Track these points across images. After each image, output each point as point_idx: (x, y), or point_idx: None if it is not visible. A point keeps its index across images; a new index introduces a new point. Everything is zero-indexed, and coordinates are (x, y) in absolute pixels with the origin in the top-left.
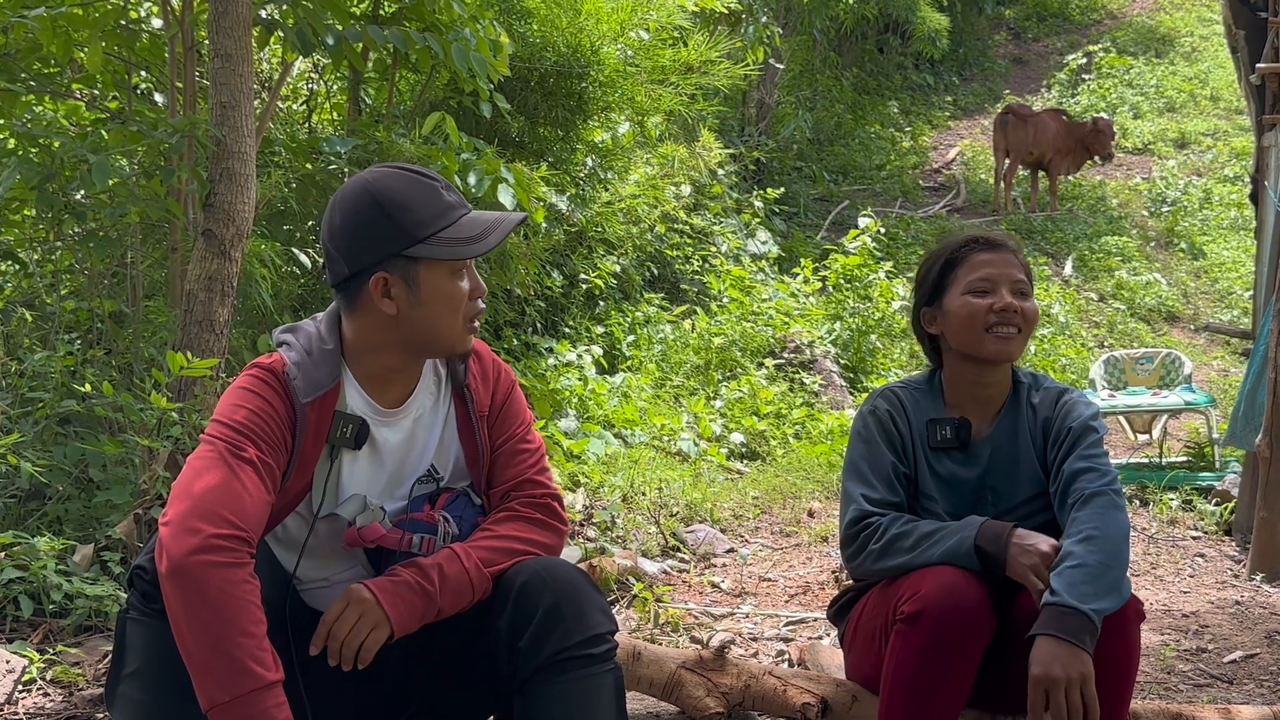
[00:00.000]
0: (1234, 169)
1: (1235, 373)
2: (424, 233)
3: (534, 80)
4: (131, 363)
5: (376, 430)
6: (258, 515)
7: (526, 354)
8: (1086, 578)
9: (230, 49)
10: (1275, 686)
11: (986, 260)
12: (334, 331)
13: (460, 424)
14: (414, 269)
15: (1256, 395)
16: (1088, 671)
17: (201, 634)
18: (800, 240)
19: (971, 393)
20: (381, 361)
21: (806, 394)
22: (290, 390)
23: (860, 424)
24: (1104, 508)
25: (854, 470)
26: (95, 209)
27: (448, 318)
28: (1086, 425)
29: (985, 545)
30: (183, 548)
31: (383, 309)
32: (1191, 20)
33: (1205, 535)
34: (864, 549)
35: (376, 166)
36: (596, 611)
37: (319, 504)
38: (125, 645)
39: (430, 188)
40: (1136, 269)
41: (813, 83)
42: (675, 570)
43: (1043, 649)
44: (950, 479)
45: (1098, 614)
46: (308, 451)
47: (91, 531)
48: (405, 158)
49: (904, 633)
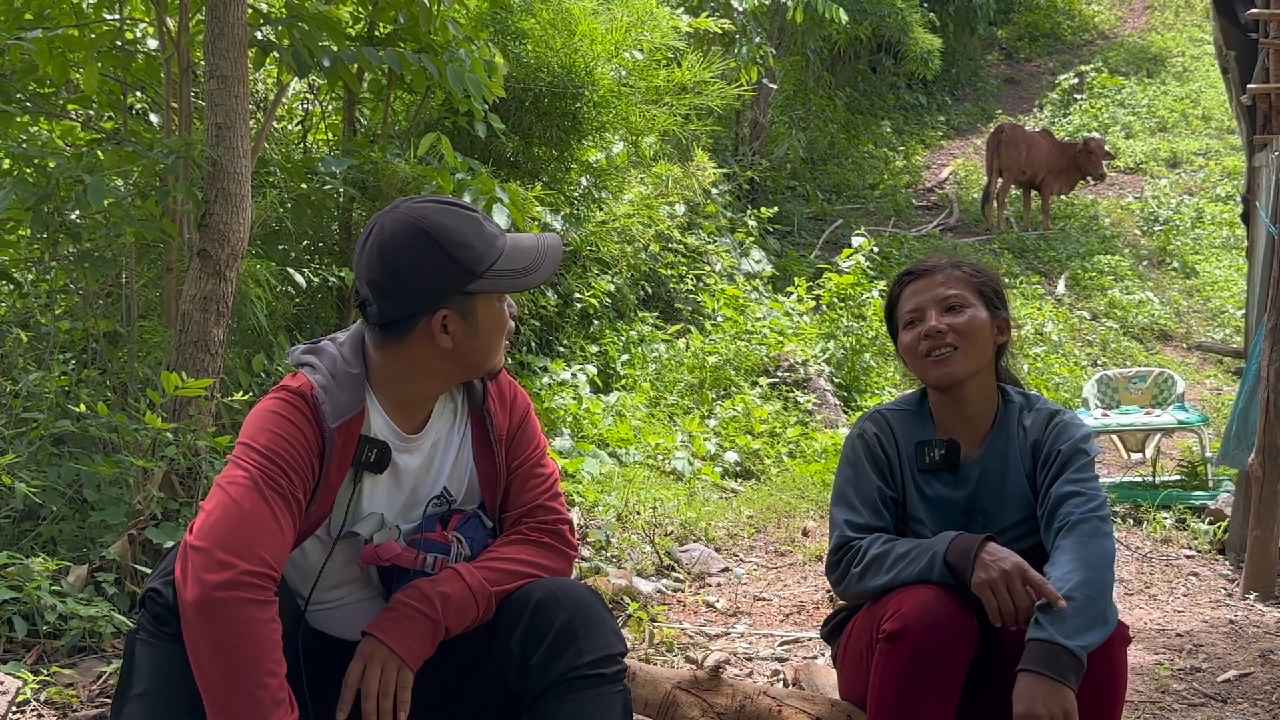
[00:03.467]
0: (1226, 188)
1: (1228, 391)
2: (481, 268)
3: (529, 100)
4: (126, 383)
5: (397, 454)
6: (285, 553)
7: (521, 373)
8: (1073, 613)
9: (226, 70)
10: (1269, 706)
11: (914, 290)
12: (358, 355)
13: (477, 446)
14: (471, 303)
15: (1249, 414)
16: (1070, 708)
17: (225, 671)
18: (794, 259)
19: (956, 415)
20: (416, 389)
21: (800, 413)
22: (320, 414)
23: (848, 449)
24: (1089, 535)
25: (840, 496)
26: (90, 229)
27: (496, 344)
28: (1076, 448)
29: (954, 560)
30: (214, 579)
31: (440, 344)
32: (1183, 40)
33: (1199, 554)
34: (846, 573)
35: (414, 202)
36: (609, 632)
37: (340, 526)
38: (134, 666)
39: (475, 220)
40: (1129, 288)
41: (806, 102)
42: (670, 590)
43: (1026, 686)
44: (939, 501)
45: (1084, 650)
46: (332, 476)
47: (86, 552)
48: (401, 178)
49: (886, 651)
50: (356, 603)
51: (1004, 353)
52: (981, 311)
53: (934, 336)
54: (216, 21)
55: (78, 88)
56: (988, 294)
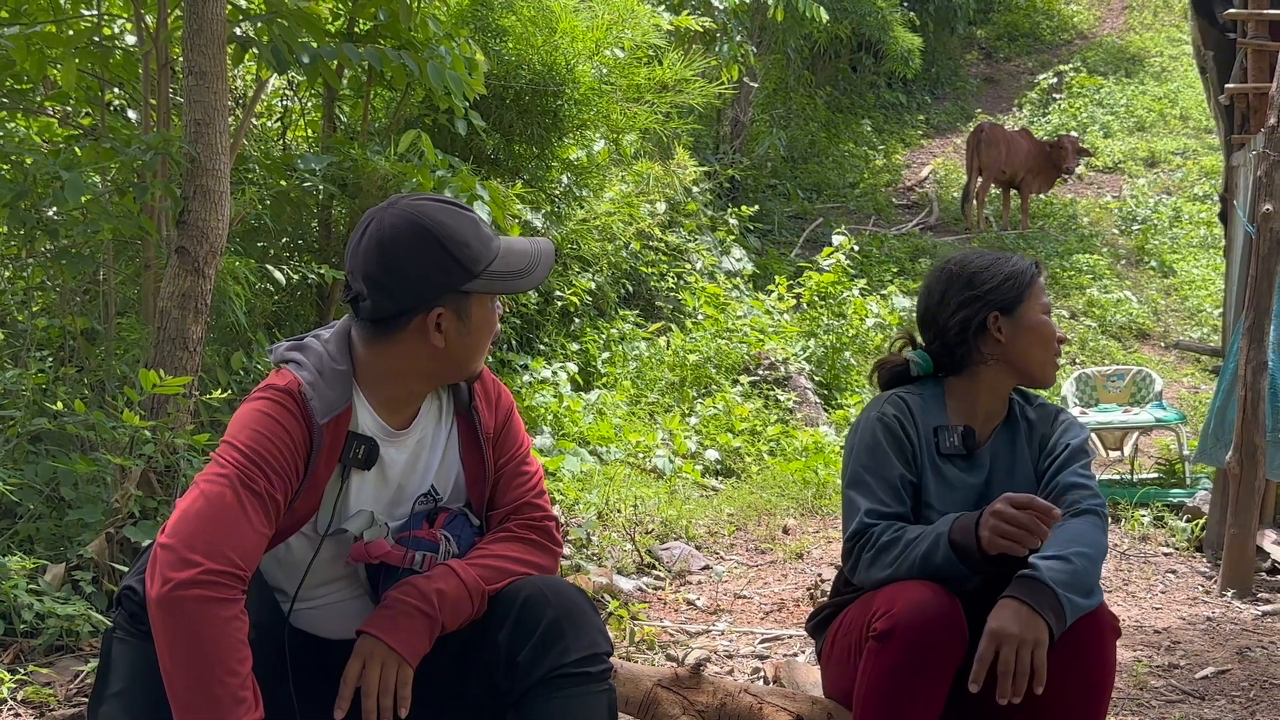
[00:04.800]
0: (1203, 188)
1: (1205, 390)
2: (479, 268)
3: (509, 98)
4: (104, 380)
5: (385, 450)
6: (256, 552)
7: (501, 371)
8: (1065, 569)
9: (204, 66)
10: (1247, 703)
11: (1042, 287)
12: (345, 352)
13: (464, 445)
14: (466, 302)
15: (1226, 412)
16: (1042, 638)
17: (186, 669)
18: (774, 257)
19: (974, 403)
20: (404, 387)
21: (781, 411)
22: (308, 411)
23: (867, 432)
24: (1093, 525)
25: (858, 480)
26: (68, 226)
27: (484, 345)
28: (1081, 448)
29: (958, 538)
30: (177, 577)
31: (432, 342)
32: (1161, 40)
33: (1177, 552)
34: (859, 560)
35: (411, 199)
36: (595, 631)
37: (328, 523)
38: (110, 665)
39: (472, 220)
40: (1107, 286)
41: (787, 101)
42: (650, 588)
43: (1005, 607)
44: (956, 485)
45: (1069, 602)
46: (320, 472)
47: (63, 550)
48: (380, 175)
49: (876, 650)
50: (342, 601)
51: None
52: None
53: (1063, 343)
54: (195, 17)
55: (55, 84)
56: None
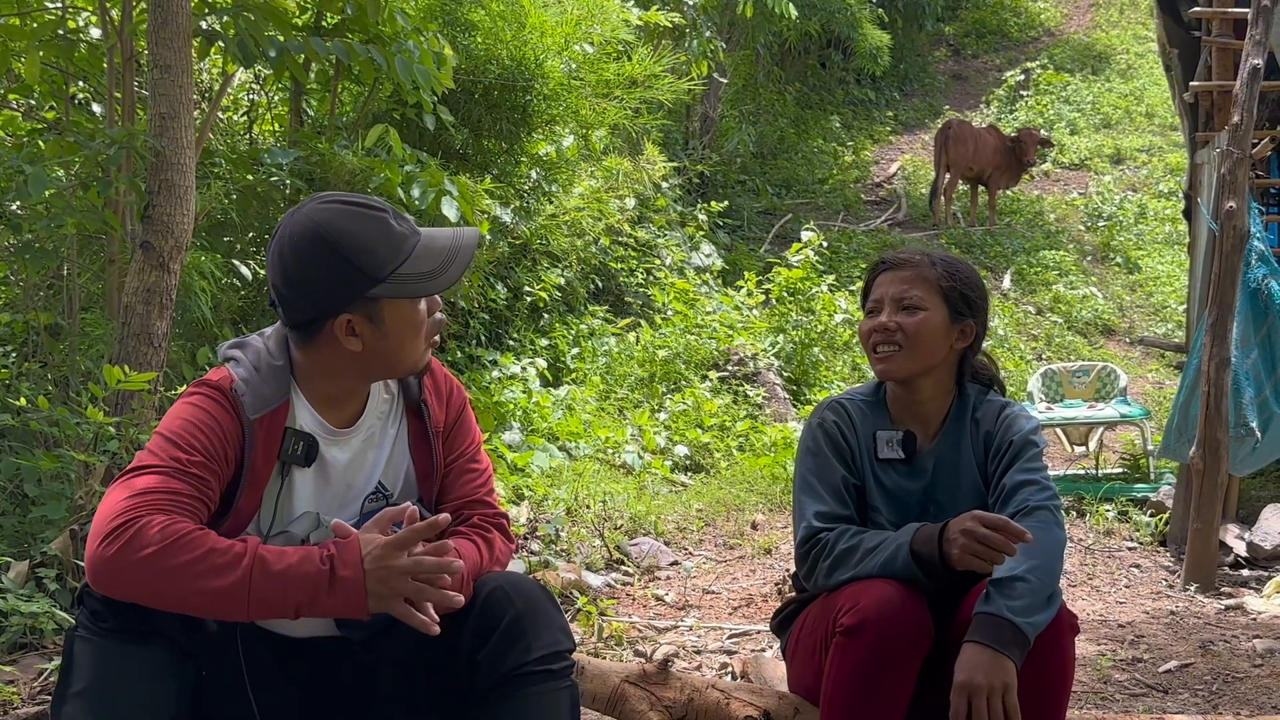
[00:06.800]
0: (1168, 184)
1: (1169, 385)
2: (384, 273)
3: (478, 93)
4: (68, 376)
5: (325, 449)
6: (195, 516)
7: (470, 367)
8: (1024, 591)
9: (169, 60)
10: (1209, 696)
11: (882, 280)
12: (283, 350)
13: (414, 440)
14: (377, 306)
15: (1190, 408)
16: (1010, 681)
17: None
18: (744, 253)
19: (911, 408)
20: (338, 385)
21: (750, 406)
22: (239, 407)
23: (809, 437)
24: (1045, 523)
25: (804, 484)
26: (31, 220)
27: (410, 343)
28: (1027, 439)
29: (920, 548)
30: (112, 547)
31: (348, 347)
32: (1127, 38)
33: (1140, 546)
34: (815, 566)
35: (319, 202)
36: (557, 629)
37: (270, 523)
38: (73, 664)
39: (380, 220)
40: (1073, 283)
41: (756, 97)
42: (619, 583)
43: (969, 656)
44: (896, 491)
45: (1031, 628)
46: (258, 469)
47: (27, 548)
48: (348, 170)
49: (843, 646)
50: None
51: (968, 356)
52: (938, 315)
53: (881, 332)
54: (160, 10)
55: (19, 77)
56: (953, 298)
